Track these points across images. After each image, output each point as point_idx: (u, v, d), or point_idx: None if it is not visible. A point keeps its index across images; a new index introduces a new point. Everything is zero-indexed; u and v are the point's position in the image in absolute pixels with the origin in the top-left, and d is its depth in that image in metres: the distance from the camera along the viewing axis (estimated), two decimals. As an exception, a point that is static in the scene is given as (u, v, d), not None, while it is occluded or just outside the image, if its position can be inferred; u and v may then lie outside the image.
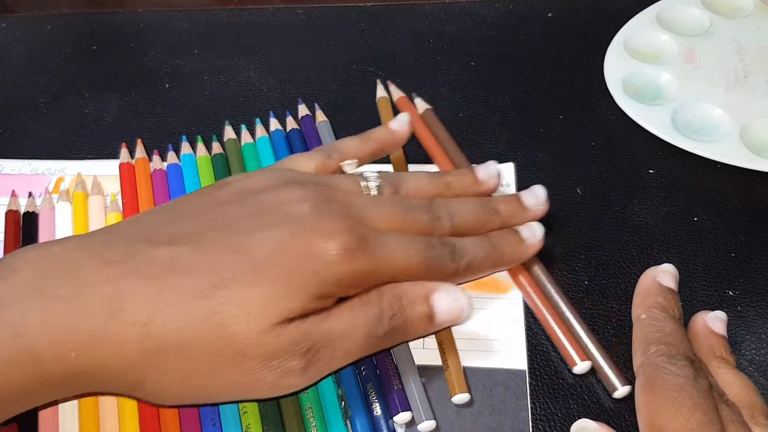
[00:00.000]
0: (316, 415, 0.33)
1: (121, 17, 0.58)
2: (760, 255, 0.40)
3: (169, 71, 0.53)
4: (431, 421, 0.33)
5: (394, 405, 0.33)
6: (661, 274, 0.35)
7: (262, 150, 0.44)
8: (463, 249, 0.34)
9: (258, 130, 0.46)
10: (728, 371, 0.32)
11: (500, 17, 0.55)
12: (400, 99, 0.47)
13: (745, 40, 0.50)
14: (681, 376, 0.29)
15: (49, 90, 0.52)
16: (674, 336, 0.32)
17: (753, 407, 0.30)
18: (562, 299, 0.37)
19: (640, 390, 0.30)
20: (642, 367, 0.31)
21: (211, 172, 0.43)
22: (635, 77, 0.49)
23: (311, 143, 0.45)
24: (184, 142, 0.46)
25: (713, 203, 0.42)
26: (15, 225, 0.42)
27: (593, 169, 0.44)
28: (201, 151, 0.45)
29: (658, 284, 0.34)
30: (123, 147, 0.45)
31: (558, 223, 0.42)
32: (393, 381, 0.34)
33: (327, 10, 0.57)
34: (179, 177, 0.43)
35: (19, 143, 0.48)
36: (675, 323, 0.33)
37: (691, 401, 0.28)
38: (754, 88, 0.47)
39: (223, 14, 0.57)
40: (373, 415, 0.33)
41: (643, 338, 0.32)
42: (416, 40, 0.54)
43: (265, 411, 0.33)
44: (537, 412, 0.34)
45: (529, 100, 0.49)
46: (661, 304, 0.33)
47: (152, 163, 0.45)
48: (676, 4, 0.53)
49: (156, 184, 0.43)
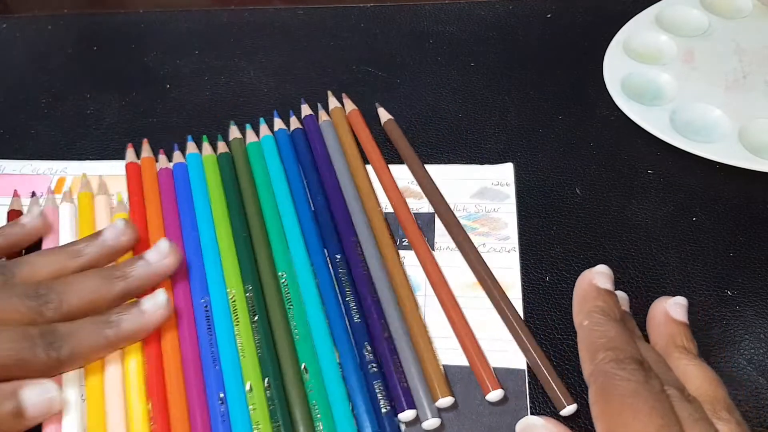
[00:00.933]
0: (322, 412, 0.33)
1: (122, 18, 0.58)
2: (758, 255, 0.40)
3: (170, 72, 0.53)
4: (436, 419, 0.33)
5: (399, 402, 0.33)
6: (596, 276, 0.34)
7: (266, 149, 0.45)
8: (68, 335, 0.32)
9: (262, 129, 0.46)
10: (690, 362, 0.32)
11: (500, 18, 0.55)
12: (352, 112, 0.47)
13: (744, 41, 0.50)
14: (632, 380, 0.29)
15: (49, 90, 0.52)
16: (619, 339, 0.31)
17: (715, 401, 0.30)
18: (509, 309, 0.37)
19: (594, 399, 0.30)
20: (592, 375, 0.30)
21: (216, 171, 0.44)
22: (634, 78, 0.49)
23: (314, 143, 0.45)
24: (189, 141, 0.46)
25: (712, 203, 0.42)
26: None
27: (592, 169, 0.44)
28: (207, 151, 0.45)
29: (595, 287, 0.33)
30: (129, 147, 0.46)
31: (557, 223, 0.42)
32: (398, 379, 0.34)
33: (327, 10, 0.57)
34: (185, 176, 0.43)
35: (20, 143, 0.49)
36: (618, 326, 0.32)
37: (647, 405, 0.28)
38: (753, 88, 0.47)
39: (224, 15, 0.58)
40: (379, 412, 0.33)
41: (588, 345, 0.31)
42: (416, 40, 0.54)
43: (274, 409, 0.33)
44: (537, 412, 0.35)
45: (529, 100, 0.49)
46: (601, 307, 0.32)
47: (158, 162, 0.45)
48: (676, 5, 0.53)
49: (162, 183, 0.43)
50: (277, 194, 0.42)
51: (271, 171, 0.43)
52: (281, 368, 0.35)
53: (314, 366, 0.35)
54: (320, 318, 0.37)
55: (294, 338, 0.36)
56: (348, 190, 0.42)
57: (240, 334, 0.36)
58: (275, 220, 0.41)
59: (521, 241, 0.41)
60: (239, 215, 0.41)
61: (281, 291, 0.38)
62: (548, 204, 0.43)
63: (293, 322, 0.36)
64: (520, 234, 0.41)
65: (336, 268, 0.39)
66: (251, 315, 0.37)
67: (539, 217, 0.42)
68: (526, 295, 0.39)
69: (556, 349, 0.36)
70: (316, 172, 0.43)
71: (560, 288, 0.39)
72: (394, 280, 0.38)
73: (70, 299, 0.33)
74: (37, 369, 0.32)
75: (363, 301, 0.37)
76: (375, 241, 0.40)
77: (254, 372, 0.35)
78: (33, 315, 0.33)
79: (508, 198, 0.43)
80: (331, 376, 0.35)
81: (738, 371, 0.35)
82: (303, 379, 0.35)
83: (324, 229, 0.40)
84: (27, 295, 0.33)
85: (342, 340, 0.36)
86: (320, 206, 0.41)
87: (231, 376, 0.35)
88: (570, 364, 0.36)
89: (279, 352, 0.36)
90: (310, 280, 0.38)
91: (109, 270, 0.35)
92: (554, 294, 0.39)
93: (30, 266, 0.35)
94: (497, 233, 0.41)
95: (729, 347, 0.36)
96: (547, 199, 0.43)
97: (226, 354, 0.35)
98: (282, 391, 0.34)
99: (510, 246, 0.41)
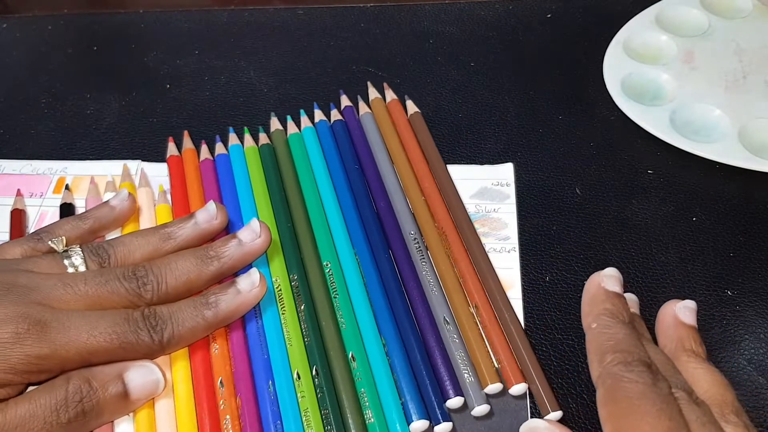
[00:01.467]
0: (370, 399, 0.33)
1: (122, 18, 0.58)
2: (758, 255, 0.40)
3: (170, 72, 0.53)
4: (485, 405, 0.33)
5: (447, 390, 0.34)
6: (605, 279, 0.34)
7: (308, 140, 0.45)
8: (170, 318, 0.33)
9: (303, 121, 0.46)
10: (698, 365, 0.32)
11: (500, 18, 0.55)
12: (391, 102, 0.47)
13: (744, 41, 0.50)
14: (640, 382, 0.29)
15: (49, 90, 0.52)
16: (627, 342, 0.31)
17: (723, 404, 0.30)
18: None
19: (602, 402, 0.29)
20: (600, 378, 0.30)
21: (259, 161, 0.44)
22: (634, 78, 0.49)
23: (354, 134, 0.45)
24: (231, 133, 0.46)
25: (712, 203, 0.42)
26: (19, 224, 0.42)
27: (592, 169, 0.44)
28: (248, 142, 0.45)
29: (604, 290, 0.33)
30: (170, 141, 0.46)
31: (557, 223, 0.42)
32: (445, 366, 0.34)
33: (327, 10, 0.57)
34: (228, 167, 0.44)
35: (20, 143, 0.49)
36: (626, 328, 0.32)
37: (655, 408, 0.28)
38: (753, 88, 0.47)
39: (224, 15, 0.58)
40: (427, 399, 0.34)
41: (597, 348, 0.31)
42: (416, 40, 0.54)
43: (322, 396, 0.34)
44: (537, 412, 0.35)
45: (529, 100, 0.49)
46: (609, 310, 0.32)
47: (200, 154, 0.45)
48: (676, 5, 0.53)
49: (204, 174, 0.43)
50: (320, 185, 0.42)
51: (312, 162, 0.44)
52: (328, 357, 0.35)
53: (361, 354, 0.35)
54: (366, 307, 0.37)
55: (340, 327, 0.36)
56: (390, 180, 0.42)
57: (287, 323, 0.36)
58: (318, 209, 0.41)
59: (521, 241, 0.41)
60: (282, 205, 0.41)
61: (326, 280, 0.38)
62: (548, 204, 0.43)
63: (339, 311, 0.37)
64: (520, 234, 0.41)
65: (380, 257, 0.39)
66: (297, 304, 0.37)
67: (539, 217, 0.42)
68: (526, 295, 0.39)
69: (556, 349, 0.36)
70: (357, 162, 0.44)
71: (560, 288, 0.39)
72: (440, 268, 0.38)
73: (167, 280, 0.34)
74: (141, 352, 0.32)
75: (408, 290, 0.38)
76: (419, 230, 0.40)
77: (302, 360, 0.35)
78: (132, 297, 0.33)
79: (508, 198, 0.43)
80: (378, 364, 0.35)
81: (738, 371, 0.35)
82: (350, 367, 0.35)
83: (367, 220, 0.41)
84: (125, 277, 0.33)
85: (388, 328, 0.36)
86: (363, 196, 0.42)
87: (279, 364, 0.35)
88: (569, 364, 0.36)
89: (326, 340, 0.36)
90: (355, 269, 0.38)
91: (203, 250, 0.35)
92: (554, 294, 0.39)
93: (125, 247, 0.35)
94: (497, 233, 0.41)
95: (729, 347, 0.36)
96: (547, 199, 0.43)
97: (273, 342, 0.36)
98: (330, 379, 0.34)
99: (510, 246, 0.41)
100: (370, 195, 0.42)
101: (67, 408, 0.30)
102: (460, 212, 0.41)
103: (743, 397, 0.35)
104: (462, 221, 0.40)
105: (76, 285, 0.32)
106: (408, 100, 0.48)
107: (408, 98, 0.48)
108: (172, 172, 0.44)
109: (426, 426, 0.33)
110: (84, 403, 0.30)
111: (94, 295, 0.32)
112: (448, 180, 0.42)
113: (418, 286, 0.37)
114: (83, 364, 0.31)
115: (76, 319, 0.31)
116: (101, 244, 0.35)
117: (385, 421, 0.33)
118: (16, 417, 0.29)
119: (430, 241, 0.39)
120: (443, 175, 0.43)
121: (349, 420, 0.33)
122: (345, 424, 0.33)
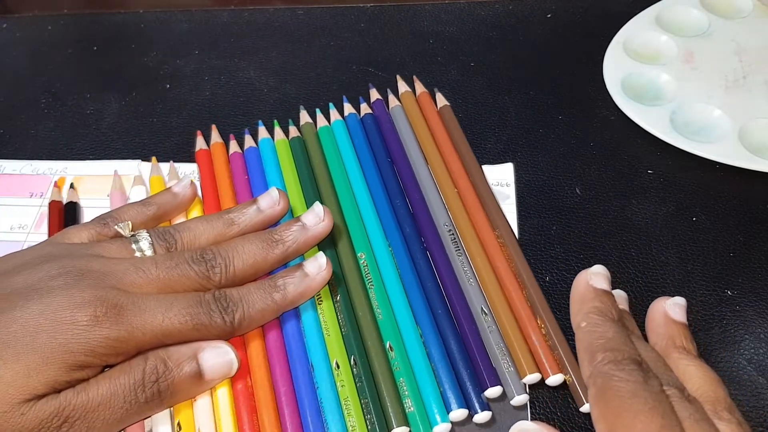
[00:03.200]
0: (409, 389, 0.34)
1: (122, 18, 0.58)
2: (758, 255, 0.40)
3: (170, 71, 0.53)
4: (524, 395, 0.34)
5: (484, 380, 0.34)
6: (593, 276, 0.34)
7: (338, 133, 0.45)
8: (240, 300, 0.33)
9: (332, 114, 0.46)
10: (690, 362, 0.32)
11: (500, 18, 0.55)
12: (421, 94, 0.47)
13: (744, 41, 0.50)
14: (632, 381, 0.29)
15: (49, 90, 0.52)
16: (617, 340, 0.31)
17: (716, 401, 0.30)
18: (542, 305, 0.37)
19: (594, 402, 0.29)
20: (591, 377, 0.30)
21: (290, 154, 0.44)
22: (634, 78, 0.49)
23: (385, 127, 0.45)
24: (260, 126, 0.46)
25: (712, 203, 0.42)
26: (58, 215, 0.43)
27: (592, 169, 0.44)
28: (278, 135, 0.45)
29: (592, 288, 0.33)
30: (198, 135, 0.46)
31: (557, 223, 0.42)
32: (482, 356, 0.35)
33: (327, 10, 0.57)
34: (258, 160, 0.44)
35: (20, 143, 0.49)
36: (616, 326, 0.31)
37: (647, 406, 0.28)
38: (753, 88, 0.47)
39: (224, 15, 0.58)
40: (465, 389, 0.34)
41: (587, 347, 0.31)
42: (416, 40, 0.54)
43: (362, 386, 0.34)
44: (537, 412, 0.35)
45: (529, 100, 0.49)
46: (599, 308, 0.32)
47: (229, 148, 0.45)
48: (676, 5, 0.53)
49: (233, 167, 0.44)
50: (352, 177, 0.43)
51: (343, 154, 0.44)
52: (365, 346, 0.35)
53: (399, 344, 0.35)
54: (402, 297, 0.37)
55: (376, 317, 0.36)
56: (423, 172, 0.42)
57: (323, 313, 0.36)
58: (351, 202, 0.41)
59: (521, 241, 0.41)
60: (315, 197, 0.42)
61: (361, 272, 0.38)
62: (548, 204, 0.43)
63: (375, 302, 0.37)
64: (520, 234, 0.41)
65: (414, 248, 0.39)
66: (333, 294, 0.37)
67: (539, 217, 0.42)
68: (526, 295, 0.39)
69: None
70: (389, 155, 0.44)
71: (560, 288, 0.39)
72: (475, 260, 0.38)
73: (235, 263, 0.34)
74: (214, 334, 0.33)
75: (444, 280, 0.38)
76: (452, 223, 0.40)
77: (340, 350, 0.35)
78: (201, 280, 0.34)
79: (508, 198, 0.43)
80: (416, 353, 0.35)
81: (738, 371, 0.35)
82: (388, 357, 0.35)
83: (400, 212, 0.41)
84: (195, 261, 0.34)
85: (424, 318, 0.36)
86: (395, 189, 0.42)
87: (318, 353, 0.35)
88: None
89: (362, 331, 0.36)
90: (389, 261, 0.38)
91: (268, 234, 0.36)
92: (554, 294, 0.39)
93: (191, 232, 0.36)
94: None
95: (729, 347, 0.36)
96: (547, 199, 0.43)
97: (312, 332, 0.36)
98: (368, 369, 0.35)
99: (510, 246, 0.41)
100: (403, 188, 0.42)
101: (144, 387, 0.31)
102: (492, 204, 0.41)
103: (743, 397, 0.35)
104: (494, 213, 0.40)
105: (148, 269, 0.33)
106: (438, 93, 0.48)
107: (437, 91, 0.48)
108: (201, 164, 0.44)
109: (465, 415, 0.33)
110: (160, 382, 0.31)
111: (165, 279, 0.33)
112: (479, 172, 0.43)
113: (454, 277, 0.38)
114: (158, 347, 0.32)
115: (151, 302, 0.32)
116: (167, 229, 0.36)
117: (425, 409, 0.33)
118: (98, 396, 0.30)
119: (464, 234, 0.39)
120: (475, 168, 0.43)
121: (389, 409, 0.33)
122: (385, 413, 0.33)
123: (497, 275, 0.38)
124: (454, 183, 0.42)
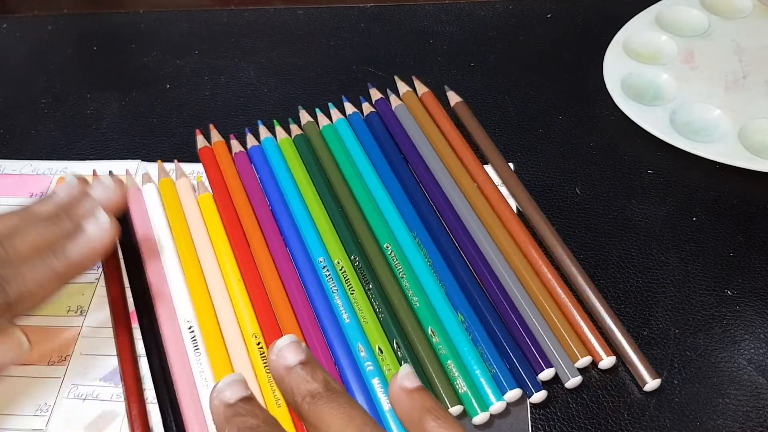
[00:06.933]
0: (459, 370, 0.34)
1: (122, 18, 0.58)
2: (758, 255, 0.40)
3: (170, 72, 0.53)
4: (578, 377, 0.34)
5: (537, 362, 0.34)
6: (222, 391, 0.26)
7: (342, 131, 0.45)
8: (16, 276, 0.31)
9: (333, 113, 0.47)
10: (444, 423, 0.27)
11: (500, 18, 0.55)
12: (425, 94, 0.48)
13: (744, 41, 0.50)
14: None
15: (49, 90, 0.52)
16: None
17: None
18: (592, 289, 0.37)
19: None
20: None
21: (295, 152, 0.45)
22: (634, 78, 0.49)
23: (390, 125, 0.46)
24: (261, 126, 0.46)
25: (712, 203, 0.42)
26: None
27: (592, 169, 0.44)
28: (281, 134, 0.46)
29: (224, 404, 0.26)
30: (198, 134, 0.46)
31: (557, 223, 0.42)
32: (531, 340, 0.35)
33: (327, 10, 0.57)
34: (263, 158, 0.44)
35: (20, 143, 0.49)
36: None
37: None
38: (753, 88, 0.47)
39: (224, 15, 0.58)
40: (515, 371, 0.34)
41: None
42: (416, 40, 0.54)
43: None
44: (537, 412, 0.35)
45: (529, 100, 0.49)
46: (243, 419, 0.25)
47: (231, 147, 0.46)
48: (676, 5, 0.53)
49: (239, 165, 0.44)
50: (363, 172, 0.43)
51: (351, 151, 0.44)
52: (405, 331, 0.36)
53: (440, 329, 0.36)
54: (436, 285, 0.37)
55: (413, 305, 0.37)
56: (438, 168, 0.43)
57: (357, 302, 0.37)
58: (367, 195, 0.42)
59: (521, 241, 0.41)
60: (327, 192, 0.42)
61: (390, 261, 0.39)
62: (548, 204, 0.43)
63: (410, 290, 0.37)
64: (520, 234, 0.41)
65: (440, 239, 0.39)
66: (364, 283, 0.38)
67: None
68: (526, 295, 0.39)
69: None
70: (399, 151, 0.44)
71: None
72: (506, 252, 0.39)
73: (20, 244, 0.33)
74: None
75: (476, 270, 0.38)
76: (476, 214, 0.41)
77: (380, 335, 0.36)
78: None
79: (509, 198, 0.43)
80: (460, 337, 0.35)
81: (738, 371, 0.35)
82: (432, 341, 0.35)
83: (420, 204, 0.41)
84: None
85: (463, 304, 0.37)
86: (411, 183, 0.42)
87: (359, 340, 0.35)
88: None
89: (400, 317, 0.36)
90: (417, 250, 0.39)
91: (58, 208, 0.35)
92: (554, 294, 0.39)
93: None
94: (497, 233, 0.41)
95: (729, 347, 0.36)
96: (547, 199, 0.43)
97: (351, 320, 0.36)
98: (412, 352, 0.35)
99: (510, 246, 0.41)
100: (419, 181, 0.43)
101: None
102: (518, 193, 0.42)
103: (743, 398, 0.35)
104: (523, 201, 0.41)
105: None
106: (449, 90, 0.48)
107: (448, 89, 0.48)
108: (205, 162, 0.45)
109: (520, 395, 0.34)
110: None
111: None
112: (504, 165, 0.43)
113: (488, 267, 0.38)
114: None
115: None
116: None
117: (477, 390, 0.33)
118: None
119: (491, 226, 0.40)
120: (498, 159, 0.43)
121: (440, 390, 0.34)
122: (437, 394, 0.33)
123: (530, 263, 0.38)
124: (472, 177, 0.42)
